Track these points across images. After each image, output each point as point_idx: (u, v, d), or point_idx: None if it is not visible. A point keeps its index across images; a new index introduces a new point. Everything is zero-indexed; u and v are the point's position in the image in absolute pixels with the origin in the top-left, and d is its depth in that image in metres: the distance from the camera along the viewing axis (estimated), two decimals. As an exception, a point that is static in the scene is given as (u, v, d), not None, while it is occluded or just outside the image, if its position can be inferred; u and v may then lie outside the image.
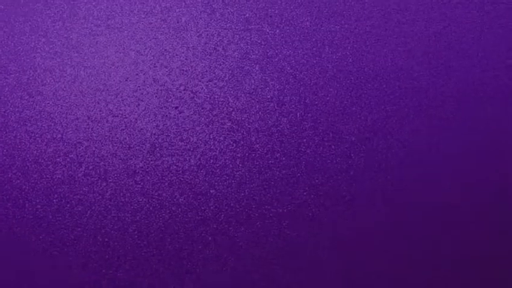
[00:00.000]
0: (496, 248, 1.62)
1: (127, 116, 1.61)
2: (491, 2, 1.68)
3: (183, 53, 1.63)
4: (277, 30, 1.64)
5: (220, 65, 1.63)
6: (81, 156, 1.60)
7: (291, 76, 1.63)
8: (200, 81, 1.62)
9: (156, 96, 1.62)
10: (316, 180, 1.61)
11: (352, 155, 1.62)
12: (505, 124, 1.64)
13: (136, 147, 1.61)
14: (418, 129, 1.63)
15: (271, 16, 1.65)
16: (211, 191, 1.61)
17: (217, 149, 1.61)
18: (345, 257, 1.60)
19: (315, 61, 1.64)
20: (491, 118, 1.64)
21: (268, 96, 1.62)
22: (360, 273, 1.60)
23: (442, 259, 1.61)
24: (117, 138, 1.61)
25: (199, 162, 1.61)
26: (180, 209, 1.60)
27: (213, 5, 1.65)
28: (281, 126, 1.62)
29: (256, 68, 1.63)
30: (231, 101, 1.62)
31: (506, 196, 1.63)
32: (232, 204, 1.61)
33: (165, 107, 1.62)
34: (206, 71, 1.63)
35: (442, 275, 1.61)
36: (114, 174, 1.60)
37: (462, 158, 1.63)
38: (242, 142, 1.62)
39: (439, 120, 1.63)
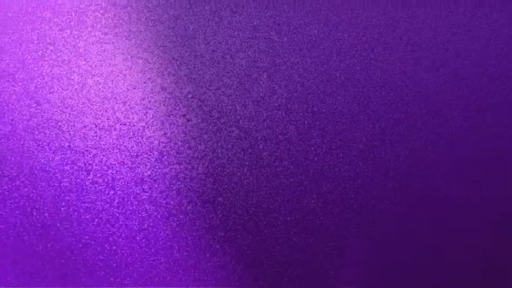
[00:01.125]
0: (504, 261, 1.61)
1: (135, 124, 1.61)
2: (500, 9, 1.68)
3: (190, 61, 1.63)
4: (285, 38, 1.64)
5: (228, 73, 1.63)
6: (88, 164, 1.60)
7: (299, 84, 1.63)
8: (208, 89, 1.63)
9: (163, 104, 1.62)
10: (324, 188, 1.61)
11: (360, 163, 1.62)
12: (513, 132, 1.64)
13: (144, 155, 1.61)
14: (427, 137, 1.63)
15: (279, 24, 1.65)
16: (218, 199, 1.61)
17: (225, 156, 1.61)
18: (353, 265, 1.60)
19: (322, 69, 1.64)
20: (501, 126, 1.64)
21: (276, 104, 1.62)
22: (368, 281, 1.60)
23: (450, 269, 1.61)
24: (125, 146, 1.61)
25: (207, 170, 1.61)
26: (187, 217, 1.60)
27: (221, 13, 1.65)
28: (289, 134, 1.62)
29: (264, 76, 1.63)
30: (239, 108, 1.62)
31: (514, 204, 1.62)
32: (239, 212, 1.61)
33: (172, 115, 1.62)
34: (214, 79, 1.63)
35: (449, 286, 1.60)
36: (121, 182, 1.60)
37: (472, 166, 1.63)
38: (250, 150, 1.62)
39: (448, 128, 1.63)
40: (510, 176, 1.63)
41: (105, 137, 1.61)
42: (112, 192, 1.60)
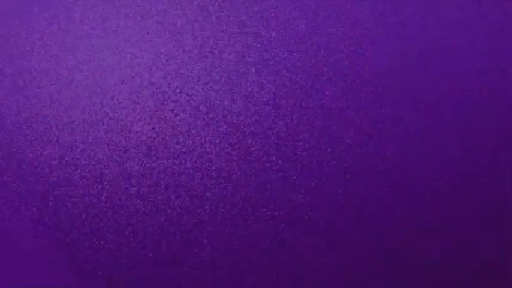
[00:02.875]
0: (499, 258, 1.62)
1: (123, 118, 1.61)
2: (489, 5, 1.68)
3: (179, 55, 1.63)
4: (273, 33, 1.64)
5: (216, 67, 1.63)
6: (77, 159, 1.60)
7: (287, 79, 1.63)
8: (196, 84, 1.63)
9: (152, 99, 1.62)
10: (312, 183, 1.62)
11: (348, 157, 1.62)
12: (504, 127, 1.65)
13: (132, 150, 1.61)
14: (414, 132, 1.63)
15: (267, 19, 1.65)
16: (207, 194, 1.61)
17: (213, 151, 1.61)
18: (340, 260, 1.60)
19: (310, 64, 1.64)
20: (490, 122, 1.65)
21: (264, 99, 1.63)
22: (356, 275, 1.61)
23: (438, 260, 1.61)
24: (113, 141, 1.61)
25: (195, 165, 1.61)
26: (175, 212, 1.60)
27: (209, 8, 1.65)
28: (277, 129, 1.62)
29: (252, 71, 1.63)
30: (227, 103, 1.62)
31: (506, 201, 1.63)
32: (228, 207, 1.61)
33: (161, 109, 1.62)
34: (202, 74, 1.63)
35: (439, 278, 1.61)
36: (109, 177, 1.60)
37: (460, 161, 1.63)
38: (238, 145, 1.62)
39: (436, 124, 1.64)
40: (499, 171, 1.64)
41: (93, 131, 1.61)
42: (100, 187, 1.60)
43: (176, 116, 1.62)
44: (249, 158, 1.62)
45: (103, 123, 1.61)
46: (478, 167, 1.63)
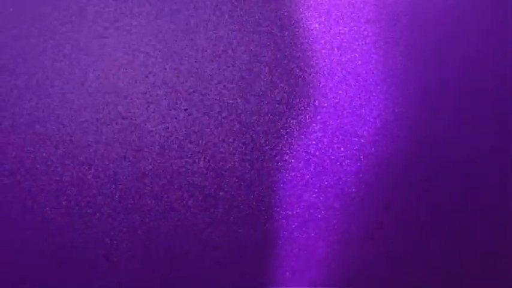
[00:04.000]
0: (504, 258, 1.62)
1: (136, 118, 1.61)
2: (498, 6, 1.68)
3: (192, 55, 1.63)
4: (287, 32, 1.64)
5: (230, 67, 1.63)
6: (90, 158, 1.60)
7: (300, 78, 1.63)
8: (209, 83, 1.62)
9: (165, 99, 1.62)
10: (326, 182, 1.61)
11: (361, 156, 1.62)
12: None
13: (146, 150, 1.61)
14: (427, 131, 1.63)
15: (280, 18, 1.65)
16: (220, 193, 1.61)
17: (226, 151, 1.61)
18: (354, 259, 1.60)
19: (323, 63, 1.64)
20: (499, 121, 1.64)
21: (278, 98, 1.62)
22: (369, 275, 1.60)
23: (450, 261, 1.61)
24: (126, 140, 1.61)
25: (208, 164, 1.61)
26: (189, 212, 1.60)
27: (222, 7, 1.65)
28: (290, 128, 1.62)
29: (266, 70, 1.63)
30: (240, 102, 1.62)
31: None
32: (241, 207, 1.61)
33: (174, 109, 1.62)
34: (215, 73, 1.63)
35: (449, 277, 1.61)
36: (123, 177, 1.60)
37: (473, 160, 1.63)
38: (251, 144, 1.62)
39: (449, 122, 1.63)
40: (507, 171, 1.63)
41: (106, 131, 1.61)
42: (113, 186, 1.60)
43: (189, 115, 1.62)
44: (262, 157, 1.62)
45: (116, 123, 1.61)
46: (489, 166, 1.63)
